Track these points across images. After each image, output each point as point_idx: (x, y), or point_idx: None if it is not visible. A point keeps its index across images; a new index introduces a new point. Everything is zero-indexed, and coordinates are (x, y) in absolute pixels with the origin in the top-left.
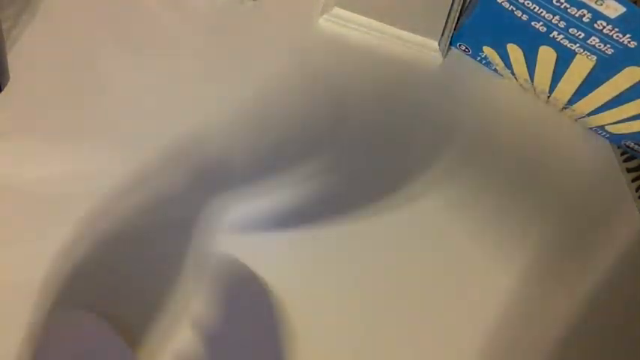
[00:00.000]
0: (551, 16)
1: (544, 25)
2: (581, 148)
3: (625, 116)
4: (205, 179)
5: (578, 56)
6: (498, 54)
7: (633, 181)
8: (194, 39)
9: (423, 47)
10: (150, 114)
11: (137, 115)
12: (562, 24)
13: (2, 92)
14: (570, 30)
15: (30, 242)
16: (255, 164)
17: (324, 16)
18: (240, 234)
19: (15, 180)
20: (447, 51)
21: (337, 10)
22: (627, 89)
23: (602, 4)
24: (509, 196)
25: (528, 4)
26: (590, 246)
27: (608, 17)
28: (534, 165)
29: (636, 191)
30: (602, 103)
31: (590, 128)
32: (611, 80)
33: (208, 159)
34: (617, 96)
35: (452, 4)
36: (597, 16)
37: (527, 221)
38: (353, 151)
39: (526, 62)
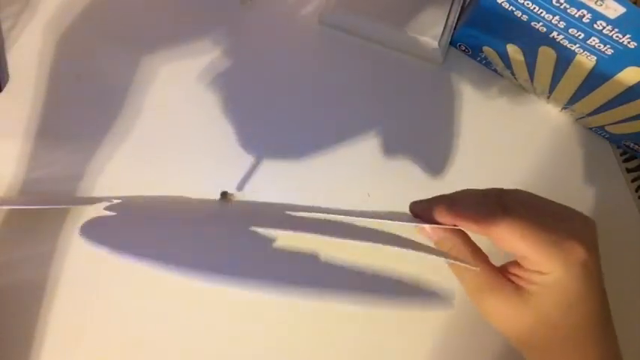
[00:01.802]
0: (551, 17)
1: (544, 25)
2: (581, 148)
3: (625, 116)
4: (211, 176)
5: (578, 56)
6: (498, 54)
7: (633, 181)
8: (194, 38)
9: (422, 48)
10: (150, 113)
11: (138, 113)
12: (562, 24)
13: (2, 92)
14: (570, 30)
15: (30, 242)
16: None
17: (325, 16)
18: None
19: (15, 180)
20: (447, 51)
21: (337, 11)
22: (627, 89)
23: (601, 5)
24: None
25: (528, 4)
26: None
27: (607, 18)
28: (534, 165)
29: (636, 191)
30: (602, 103)
31: (590, 128)
32: (610, 80)
33: (211, 155)
34: (617, 96)
35: (452, 5)
36: (597, 16)
37: None
38: (353, 150)
39: (526, 62)
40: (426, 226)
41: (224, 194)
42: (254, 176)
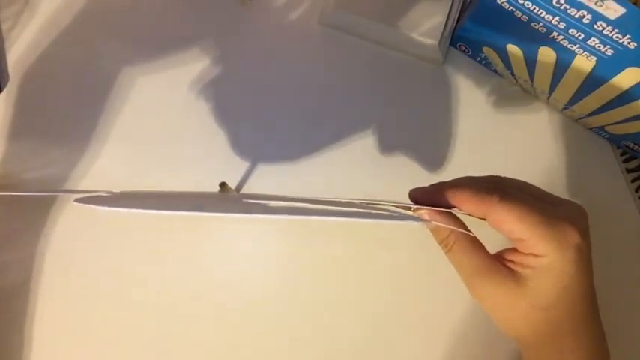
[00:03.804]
0: (551, 17)
1: (544, 25)
2: (581, 149)
3: (625, 117)
4: (209, 177)
5: (577, 57)
6: (498, 54)
7: (633, 181)
8: (194, 38)
9: (422, 48)
10: (150, 113)
11: (138, 113)
12: (562, 25)
13: (2, 92)
14: (570, 31)
15: (30, 243)
16: (255, 156)
17: (324, 16)
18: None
19: (15, 180)
20: (447, 51)
21: (337, 12)
22: (627, 90)
23: (601, 5)
24: None
25: (528, 4)
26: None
27: (607, 18)
28: (534, 165)
29: (636, 191)
30: (602, 103)
31: (590, 129)
32: (610, 81)
33: (210, 155)
34: (617, 97)
35: (452, 5)
36: (597, 17)
37: None
38: (352, 151)
39: (526, 63)
40: (424, 208)
41: (222, 185)
42: (252, 177)
